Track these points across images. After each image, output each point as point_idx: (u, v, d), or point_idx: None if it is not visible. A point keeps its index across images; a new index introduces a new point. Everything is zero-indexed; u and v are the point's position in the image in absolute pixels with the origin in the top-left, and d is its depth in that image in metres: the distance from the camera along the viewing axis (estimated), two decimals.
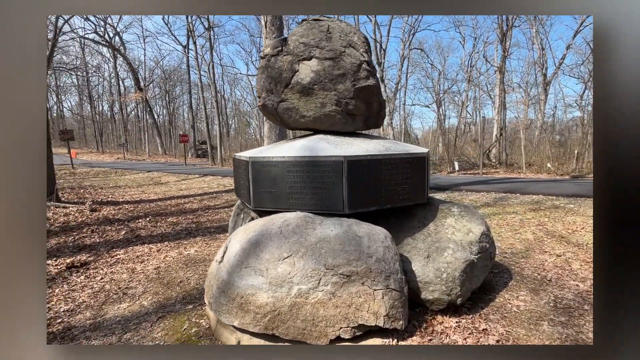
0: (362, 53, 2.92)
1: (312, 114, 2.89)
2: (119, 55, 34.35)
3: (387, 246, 2.31)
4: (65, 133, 21.22)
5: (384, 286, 2.20)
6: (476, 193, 6.89)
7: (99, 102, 45.34)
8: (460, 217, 2.84)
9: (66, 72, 35.27)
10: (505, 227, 4.67)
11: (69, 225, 5.63)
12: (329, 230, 2.30)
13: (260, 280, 2.18)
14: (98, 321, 2.71)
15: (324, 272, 2.15)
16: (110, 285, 3.35)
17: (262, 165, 2.58)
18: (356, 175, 2.39)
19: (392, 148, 2.70)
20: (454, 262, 2.51)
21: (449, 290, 2.46)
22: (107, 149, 40.45)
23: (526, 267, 3.46)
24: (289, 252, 2.20)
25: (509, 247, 4.03)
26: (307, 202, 2.47)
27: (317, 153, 2.46)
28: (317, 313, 2.13)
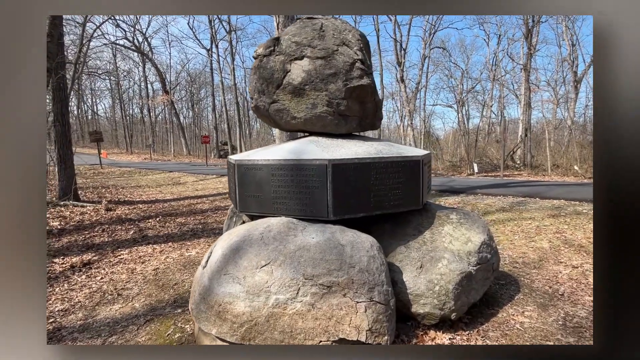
0: (355, 51, 2.80)
1: (303, 115, 2.79)
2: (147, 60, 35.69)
3: (373, 255, 2.17)
4: (94, 134, 22.31)
5: (367, 298, 2.06)
6: (492, 197, 6.54)
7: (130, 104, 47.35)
8: (459, 224, 2.65)
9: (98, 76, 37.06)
10: (519, 234, 4.38)
11: (83, 224, 5.82)
12: (310, 237, 2.19)
13: (237, 289, 2.10)
14: (88, 322, 2.73)
15: (303, 281, 2.04)
16: (108, 286, 3.39)
17: (247, 169, 2.51)
18: (342, 180, 2.27)
19: (385, 151, 2.56)
20: (448, 274, 2.33)
21: (442, 304, 2.28)
22: (135, 150, 42.10)
23: (537, 279, 3.20)
24: (267, 259, 2.11)
25: (520, 256, 3.76)
26: (292, 207, 2.38)
27: (301, 156, 2.36)
28: (295, 325, 2.03)
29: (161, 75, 35.04)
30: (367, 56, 3.00)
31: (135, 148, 43.17)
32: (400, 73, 23.07)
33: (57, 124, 7.47)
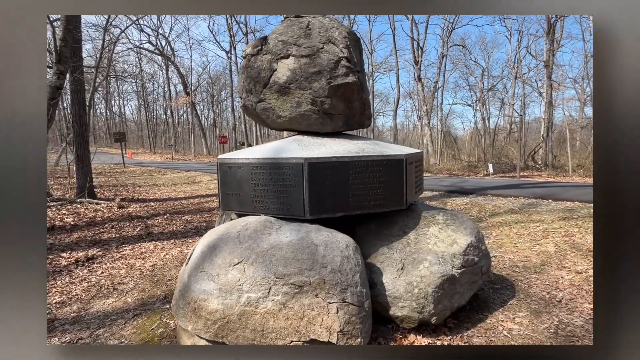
0: (341, 49, 2.76)
1: (288, 114, 2.78)
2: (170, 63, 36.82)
3: (347, 256, 2.13)
4: (118, 135, 23.25)
5: (339, 299, 2.03)
6: (503, 198, 6.30)
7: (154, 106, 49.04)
8: (445, 225, 2.56)
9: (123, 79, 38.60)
10: (524, 237, 4.19)
11: (95, 220, 6.06)
12: (283, 236, 2.18)
13: (211, 286, 2.12)
14: (80, 315, 2.83)
15: (274, 280, 2.03)
16: (106, 280, 3.51)
17: (228, 167, 2.53)
18: (318, 179, 2.24)
19: (367, 150, 2.51)
20: (429, 277, 2.26)
21: (420, 307, 2.21)
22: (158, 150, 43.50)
23: (535, 284, 3.05)
24: (240, 258, 2.11)
25: (522, 259, 3.60)
26: (270, 206, 2.37)
27: (279, 155, 2.35)
28: (266, 324, 2.02)
29: (183, 78, 36.06)
30: (355, 54, 2.95)
31: (158, 148, 44.62)
32: (417, 72, 22.70)
33: (74, 125, 7.82)
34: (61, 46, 5.53)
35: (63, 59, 5.59)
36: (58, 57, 5.61)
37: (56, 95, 5.50)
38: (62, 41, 5.53)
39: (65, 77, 5.88)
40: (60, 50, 5.55)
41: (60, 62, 5.57)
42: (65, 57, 5.63)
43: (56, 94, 5.51)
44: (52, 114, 5.56)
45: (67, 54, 5.68)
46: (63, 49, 5.56)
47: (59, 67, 5.55)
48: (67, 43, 5.64)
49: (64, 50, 5.57)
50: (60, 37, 5.57)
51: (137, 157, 33.29)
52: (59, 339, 2.46)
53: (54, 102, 5.48)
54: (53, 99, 5.44)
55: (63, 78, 5.68)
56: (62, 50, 5.54)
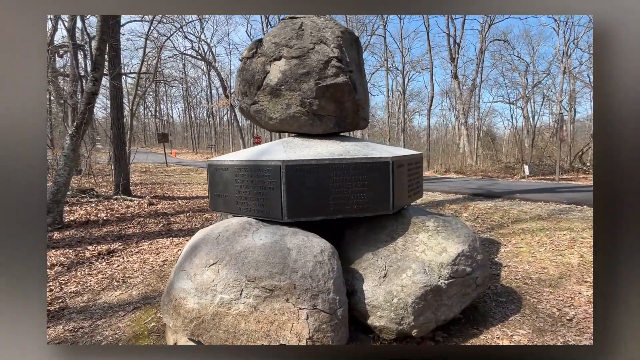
0: (332, 49, 2.71)
1: (279, 116, 2.78)
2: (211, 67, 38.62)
3: (320, 261, 2.08)
4: (161, 136, 24.79)
5: (310, 306, 1.99)
6: (531, 203, 5.81)
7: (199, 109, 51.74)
8: (435, 232, 2.42)
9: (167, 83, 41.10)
10: (546, 246, 3.84)
11: (125, 216, 6.49)
12: (258, 239, 2.18)
13: (189, 285, 2.17)
14: (88, 305, 3.04)
15: (246, 283, 2.04)
16: (119, 274, 3.74)
17: (216, 169, 2.58)
18: (296, 181, 2.21)
19: (353, 152, 2.43)
20: (410, 286, 2.14)
21: (399, 318, 2.11)
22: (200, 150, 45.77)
23: (547, 299, 2.78)
24: (215, 259, 2.14)
25: (538, 271, 3.30)
26: (252, 207, 2.38)
27: (260, 157, 2.35)
28: (238, 326, 2.04)
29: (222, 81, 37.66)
30: (351, 53, 2.88)
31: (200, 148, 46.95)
32: (454, 69, 21.71)
33: (113, 128, 8.44)
34: (96, 55, 5.99)
35: (98, 66, 6.05)
36: (93, 65, 6.08)
37: (91, 100, 5.97)
38: (98, 50, 5.99)
39: (100, 84, 6.36)
40: (95, 59, 6.02)
41: (96, 70, 6.04)
42: (100, 64, 6.09)
43: (91, 99, 5.98)
44: (88, 118, 6.04)
45: (101, 62, 6.15)
46: (98, 57, 6.02)
47: (94, 75, 6.02)
48: (102, 52, 6.10)
49: (99, 58, 6.03)
50: (95, 47, 6.04)
51: (180, 157, 35.19)
52: (63, 327, 2.66)
53: (90, 107, 5.96)
54: (89, 103, 5.91)
55: (98, 84, 6.15)
56: (97, 59, 6.00)
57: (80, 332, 2.60)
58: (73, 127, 5.87)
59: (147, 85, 25.05)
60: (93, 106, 6.17)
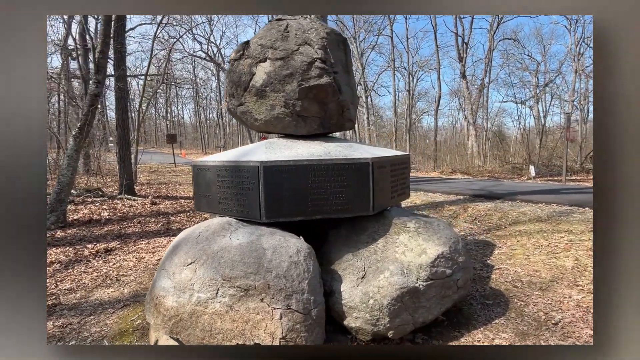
0: (316, 50, 2.71)
1: (263, 117, 2.80)
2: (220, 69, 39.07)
3: (295, 262, 2.09)
4: (169, 137, 25.18)
5: (283, 306, 2.00)
6: (532, 204, 5.69)
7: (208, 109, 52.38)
8: (415, 234, 2.40)
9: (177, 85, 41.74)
10: (541, 249, 3.77)
11: (127, 215, 6.61)
12: (235, 239, 2.20)
13: (169, 284, 2.21)
14: (80, 302, 3.11)
15: (222, 282, 2.06)
16: (113, 272, 3.82)
17: (200, 170, 2.61)
18: (274, 182, 2.23)
19: (334, 153, 2.44)
20: (386, 288, 2.14)
21: (375, 319, 2.10)
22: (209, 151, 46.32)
23: (535, 302, 2.74)
24: (193, 258, 2.17)
25: (529, 273, 3.24)
26: (232, 208, 2.41)
27: (241, 158, 2.38)
28: (214, 324, 2.06)
29: None
30: (338, 54, 2.89)
31: (209, 149, 47.52)
32: (461, 69, 21.45)
33: (118, 129, 8.61)
34: (99, 58, 6.13)
35: (101, 69, 6.19)
36: (96, 67, 6.22)
37: (95, 102, 6.11)
38: (100, 53, 6.13)
39: (102, 86, 6.50)
40: (98, 62, 6.16)
41: (99, 72, 6.18)
42: (102, 67, 6.23)
43: (95, 101, 6.12)
44: (91, 120, 6.18)
45: (104, 65, 6.29)
46: (101, 60, 6.16)
47: (97, 77, 6.15)
48: (104, 54, 6.24)
49: (101, 61, 6.17)
50: (98, 50, 6.17)
51: (189, 157, 35.66)
52: (53, 323, 2.73)
53: (93, 109, 6.09)
54: (92, 105, 6.05)
55: (101, 87, 6.28)
56: (99, 62, 6.14)
57: (68, 328, 2.67)
58: (77, 128, 6.02)
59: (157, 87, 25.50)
60: (96, 108, 6.30)
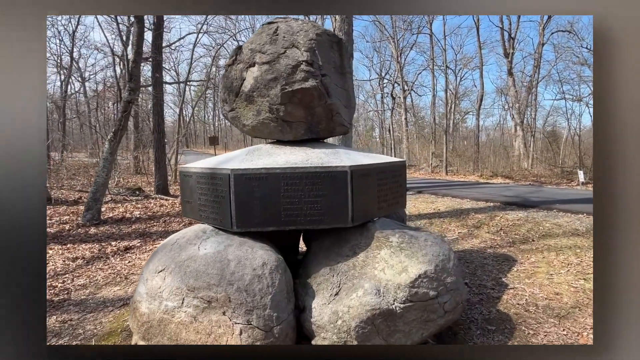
0: (302, 52, 2.61)
1: (250, 122, 2.76)
2: None
3: (259, 275, 2.00)
4: (211, 139, 26.50)
5: (244, 321, 1.92)
6: (571, 215, 5.04)
7: None
8: (398, 249, 2.20)
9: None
10: (569, 268, 3.31)
11: (155, 215, 6.98)
12: (203, 248, 2.17)
13: (143, 290, 2.23)
14: (87, 298, 3.30)
15: (187, 292, 2.04)
16: (126, 270, 4.01)
17: (184, 176, 2.63)
18: (245, 191, 2.16)
19: (312, 160, 2.31)
20: (357, 308, 1.97)
21: (342, 342, 1.94)
22: None
23: (546, 333, 2.39)
24: (164, 266, 2.17)
25: (548, 296, 2.85)
26: (209, 216, 2.38)
27: (218, 165, 2.34)
28: (180, 334, 2.05)
29: None
30: (325, 56, 2.76)
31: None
32: (508, 65, 19.93)
33: (154, 133, 9.16)
34: (132, 67, 6.55)
35: (134, 77, 6.61)
36: (129, 76, 6.66)
37: (127, 108, 6.54)
38: (133, 62, 6.55)
39: (136, 94, 6.94)
40: (131, 71, 6.58)
41: (132, 80, 6.60)
42: (136, 76, 6.66)
43: (128, 107, 6.55)
44: (125, 124, 6.63)
45: (137, 73, 6.72)
46: (134, 69, 6.58)
47: (130, 85, 6.58)
48: (137, 64, 6.66)
49: (135, 70, 6.59)
50: (131, 59, 6.60)
51: None
52: (56, 318, 2.91)
53: (126, 114, 6.53)
54: (125, 111, 6.49)
55: (134, 94, 6.71)
56: (132, 71, 6.57)
57: (67, 324, 2.82)
58: (111, 133, 6.48)
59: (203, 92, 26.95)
60: (129, 114, 6.74)
